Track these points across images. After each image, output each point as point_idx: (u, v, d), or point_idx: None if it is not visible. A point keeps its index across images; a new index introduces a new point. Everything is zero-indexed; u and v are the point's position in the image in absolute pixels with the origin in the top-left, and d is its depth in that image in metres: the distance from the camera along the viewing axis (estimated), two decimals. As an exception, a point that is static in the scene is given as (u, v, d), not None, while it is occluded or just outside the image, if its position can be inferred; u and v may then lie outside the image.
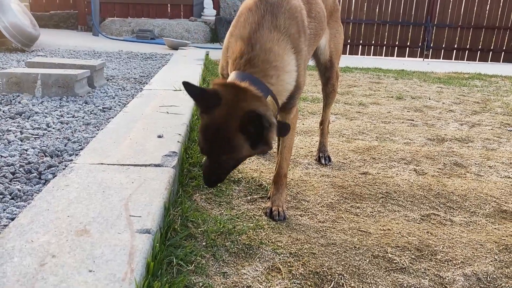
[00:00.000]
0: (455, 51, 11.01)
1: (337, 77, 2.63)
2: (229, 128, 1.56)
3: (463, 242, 1.84)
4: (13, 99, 3.32)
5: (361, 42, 11.09)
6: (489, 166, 2.80)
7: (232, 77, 1.67)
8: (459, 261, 1.70)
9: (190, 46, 8.41)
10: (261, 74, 1.67)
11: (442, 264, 1.67)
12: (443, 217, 2.08)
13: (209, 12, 11.23)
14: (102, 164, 1.90)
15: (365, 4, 10.84)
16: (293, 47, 1.75)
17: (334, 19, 2.51)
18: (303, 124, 3.56)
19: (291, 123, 1.95)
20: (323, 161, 2.65)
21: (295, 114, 1.99)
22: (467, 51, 10.98)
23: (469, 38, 10.90)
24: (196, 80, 4.05)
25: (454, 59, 10.98)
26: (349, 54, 11.02)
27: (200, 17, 11.23)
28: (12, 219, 1.61)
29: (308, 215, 2.00)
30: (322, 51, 2.45)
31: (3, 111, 3.01)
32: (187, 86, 1.53)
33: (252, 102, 1.58)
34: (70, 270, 1.16)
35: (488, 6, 10.64)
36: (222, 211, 1.95)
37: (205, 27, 10.86)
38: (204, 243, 1.66)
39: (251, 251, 1.65)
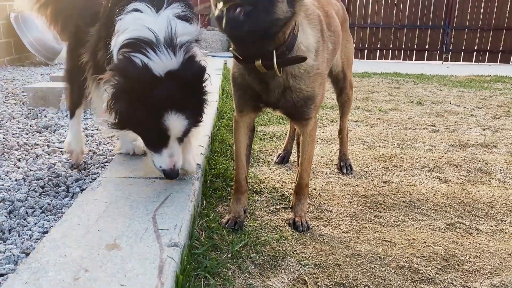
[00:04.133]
0: (475, 53, 10.84)
1: (351, 87, 2.63)
2: None
3: (490, 252, 1.82)
4: (39, 113, 3.42)
5: (378, 46, 11.03)
6: (514, 172, 2.75)
7: None
8: (487, 271, 1.68)
9: (208, 55, 8.50)
10: None
11: (469, 275, 1.65)
12: (468, 225, 2.05)
13: (226, 21, 11.33)
14: (129, 178, 1.94)
15: (382, 8, 10.79)
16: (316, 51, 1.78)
17: (344, 29, 2.49)
18: (323, 132, 3.56)
19: (310, 135, 1.96)
20: (344, 170, 2.65)
21: (314, 126, 1.98)
22: (487, 53, 10.79)
23: (490, 39, 10.72)
24: (216, 92, 4.10)
25: (475, 61, 10.81)
26: (367, 58, 10.98)
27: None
28: (43, 233, 1.67)
29: (332, 225, 2.00)
30: (335, 63, 2.43)
31: (30, 125, 3.10)
32: None
33: None
34: (102, 284, 1.20)
35: (508, 6, 10.46)
36: (246, 222, 1.97)
37: (222, 36, 10.95)
38: (229, 255, 1.68)
39: (276, 263, 1.66)
